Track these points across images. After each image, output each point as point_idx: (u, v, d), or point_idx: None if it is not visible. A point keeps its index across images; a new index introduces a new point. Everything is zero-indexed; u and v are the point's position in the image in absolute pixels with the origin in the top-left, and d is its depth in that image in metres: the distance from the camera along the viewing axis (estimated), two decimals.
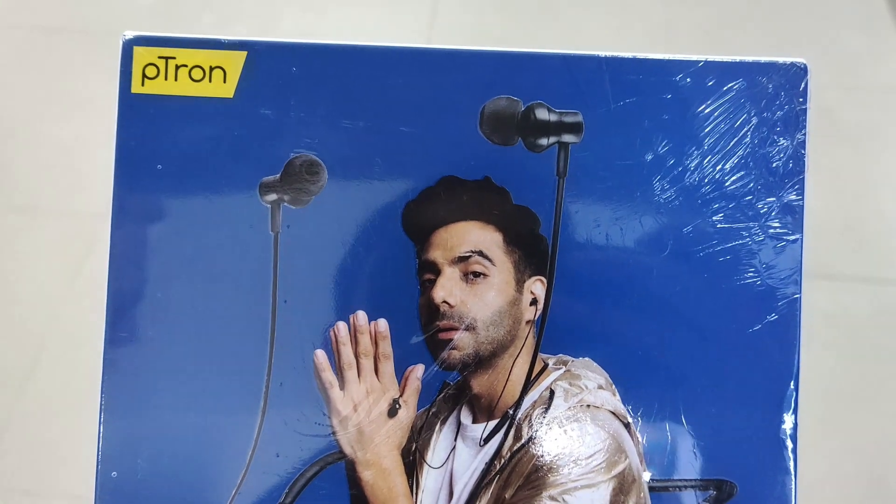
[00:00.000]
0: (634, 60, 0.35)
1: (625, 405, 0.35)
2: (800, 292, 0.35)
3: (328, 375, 0.35)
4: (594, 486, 0.34)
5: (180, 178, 0.35)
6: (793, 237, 0.35)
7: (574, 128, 0.35)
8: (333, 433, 0.34)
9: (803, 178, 0.35)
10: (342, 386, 0.35)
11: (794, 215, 0.35)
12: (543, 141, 0.35)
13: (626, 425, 0.35)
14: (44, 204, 1.05)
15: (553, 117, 0.35)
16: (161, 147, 0.35)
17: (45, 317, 0.96)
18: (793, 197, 0.35)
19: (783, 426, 0.34)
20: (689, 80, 0.35)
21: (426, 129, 0.35)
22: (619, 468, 0.34)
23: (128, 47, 0.35)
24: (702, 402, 0.35)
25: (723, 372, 0.35)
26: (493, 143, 0.35)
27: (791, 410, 0.34)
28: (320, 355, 0.35)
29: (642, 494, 0.34)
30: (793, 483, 0.34)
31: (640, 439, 0.35)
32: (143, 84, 0.35)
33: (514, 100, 0.35)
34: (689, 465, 0.34)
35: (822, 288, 1.02)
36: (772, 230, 0.35)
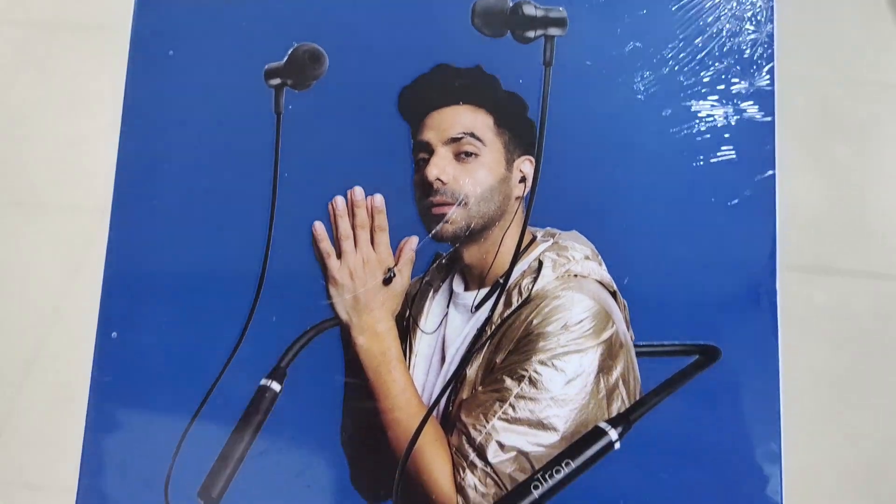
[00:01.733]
0: None
1: (610, 274, 0.36)
2: (774, 169, 0.37)
3: (326, 245, 0.36)
4: (583, 351, 0.35)
5: (190, 63, 0.37)
6: (765, 118, 0.37)
7: (559, 22, 0.38)
8: (330, 300, 0.36)
9: (773, 65, 0.38)
10: (339, 256, 0.36)
11: (765, 99, 0.37)
12: (530, 34, 0.38)
13: (613, 293, 0.36)
14: (45, 199, 1.05)
15: (539, 13, 0.38)
16: (172, 34, 0.37)
17: (47, 311, 0.95)
18: (764, 83, 0.37)
19: (764, 290, 0.35)
20: None
21: (422, 22, 0.38)
22: (607, 334, 0.35)
23: None
24: (685, 270, 0.36)
25: (704, 242, 0.36)
26: (484, 35, 0.38)
27: (771, 274, 0.36)
28: (318, 226, 0.36)
29: (630, 359, 0.35)
30: (777, 344, 0.35)
31: (626, 306, 0.36)
32: None
33: None
34: (675, 331, 0.35)
35: (822, 283, 1.02)
36: (746, 113, 0.37)
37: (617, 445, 0.34)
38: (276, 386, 0.35)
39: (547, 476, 0.34)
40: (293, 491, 0.34)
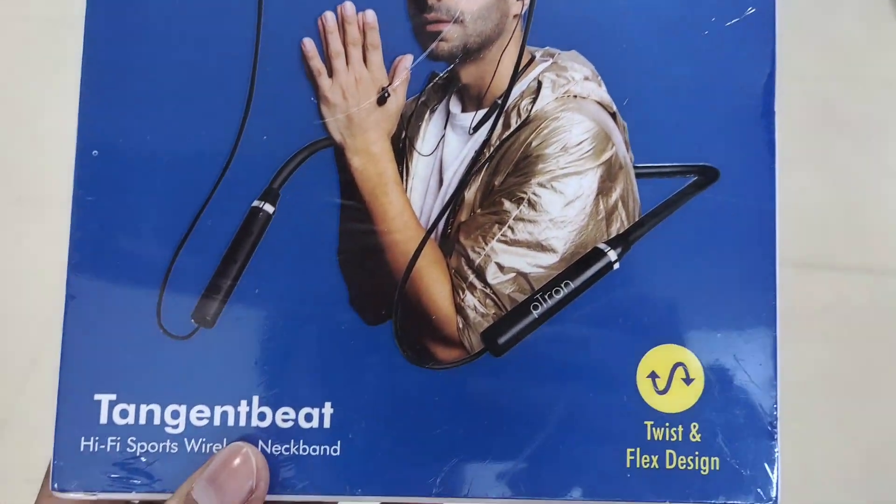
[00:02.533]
0: None
1: (610, 95, 0.35)
2: None
3: (316, 63, 0.34)
4: (582, 173, 0.35)
5: None
6: None
7: None
8: (322, 120, 0.34)
9: None
10: (331, 74, 0.34)
11: None
12: None
13: (613, 115, 0.35)
14: (47, 196, 1.03)
15: None
16: None
17: (49, 309, 0.95)
18: None
19: (762, 110, 0.35)
20: None
21: None
22: (607, 155, 0.35)
23: None
24: (685, 91, 0.35)
25: (704, 62, 0.35)
26: None
27: (769, 93, 0.35)
28: (308, 43, 0.34)
29: (629, 180, 0.35)
30: (774, 165, 0.35)
31: (625, 127, 0.35)
32: None
33: None
34: (674, 152, 0.35)
35: (821, 278, 1.03)
36: None
37: (616, 266, 0.34)
38: (269, 208, 0.33)
39: (546, 297, 0.34)
40: (291, 313, 0.33)
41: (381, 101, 0.35)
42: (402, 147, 0.35)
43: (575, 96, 0.35)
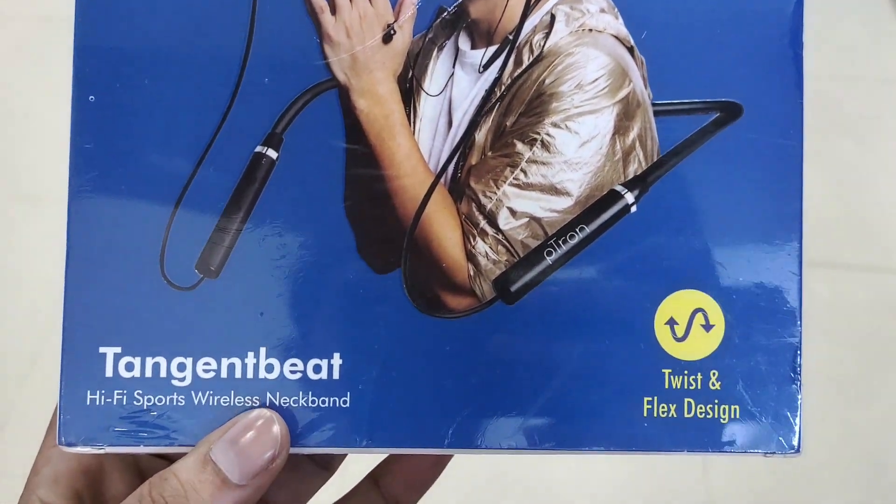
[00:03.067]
0: None
1: (627, 28, 0.33)
2: None
3: (318, 0, 0.33)
4: (598, 111, 0.33)
5: None
6: None
7: None
8: (325, 60, 0.33)
9: None
10: (333, 11, 0.33)
11: None
12: None
13: (630, 49, 0.33)
14: (48, 193, 1.03)
15: None
16: None
17: (50, 306, 0.95)
18: None
19: (788, 41, 0.33)
20: None
21: None
22: (624, 93, 0.33)
23: None
24: (706, 23, 0.33)
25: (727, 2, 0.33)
26: None
27: (800, 24, 0.33)
28: None
29: (647, 118, 0.33)
30: (801, 100, 0.33)
31: (643, 61, 0.33)
32: None
33: None
34: (694, 87, 0.33)
35: (822, 277, 1.02)
36: None
37: (633, 209, 0.33)
38: (272, 153, 0.32)
39: (560, 242, 0.33)
40: (297, 262, 0.32)
41: (387, 38, 0.33)
42: (409, 87, 0.33)
43: (590, 30, 0.33)
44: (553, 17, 0.33)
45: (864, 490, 0.91)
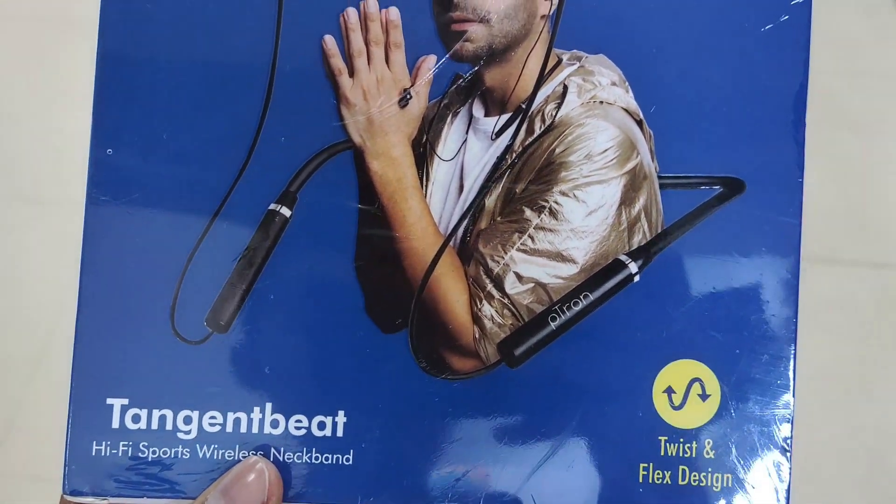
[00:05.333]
0: None
1: (637, 102, 0.34)
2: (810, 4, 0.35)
3: (337, 62, 0.33)
4: (606, 181, 0.34)
5: None
6: None
7: None
8: (342, 121, 0.33)
9: None
10: (351, 74, 0.33)
11: None
12: None
13: (639, 122, 0.34)
14: (49, 193, 1.03)
15: None
16: None
17: (53, 306, 0.96)
18: None
19: (792, 120, 0.34)
20: None
21: None
22: (631, 164, 0.34)
23: None
24: (714, 99, 0.34)
25: (735, 70, 0.34)
26: None
27: (800, 104, 0.34)
28: (329, 41, 0.33)
29: (653, 190, 0.34)
30: (801, 178, 0.34)
31: (651, 135, 0.34)
32: None
33: None
34: (700, 162, 0.34)
35: (824, 272, 1.02)
36: None
37: (637, 278, 0.34)
38: (285, 211, 0.33)
39: (565, 308, 0.34)
40: (305, 320, 0.32)
41: (403, 103, 0.34)
42: (423, 151, 0.34)
43: (601, 102, 0.34)
44: (566, 88, 0.34)
45: (866, 487, 0.91)
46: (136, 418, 0.32)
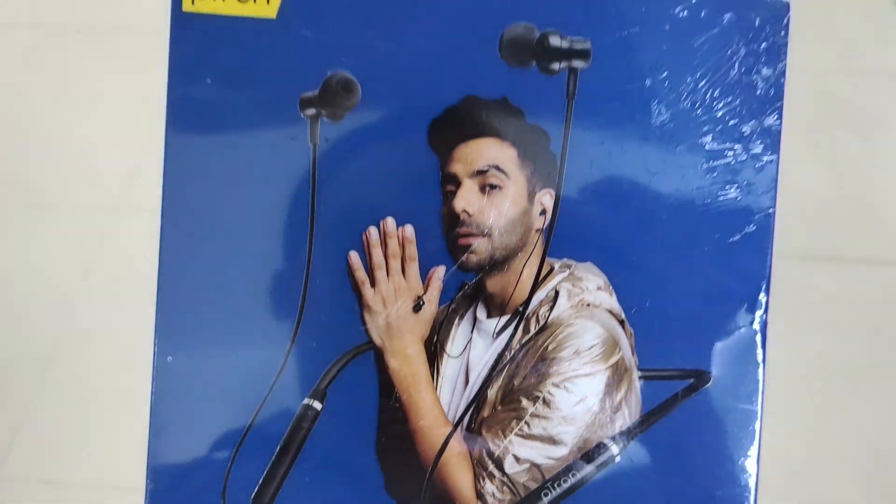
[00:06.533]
0: None
1: (620, 304, 0.40)
2: (774, 206, 0.40)
3: (360, 274, 0.39)
4: (592, 375, 0.39)
5: (227, 91, 0.38)
6: (770, 157, 0.40)
7: (583, 54, 0.39)
8: (365, 325, 0.39)
9: (781, 104, 0.40)
10: (373, 284, 0.39)
11: (772, 138, 0.40)
12: (556, 65, 0.39)
13: (621, 322, 0.40)
14: (57, 200, 1.03)
15: (565, 44, 0.39)
16: (209, 62, 0.38)
17: (60, 311, 0.98)
18: (772, 121, 0.40)
19: (754, 324, 0.39)
20: (685, 12, 0.39)
21: (451, 52, 0.39)
22: (614, 359, 0.39)
23: None
24: (686, 301, 0.40)
25: (705, 276, 0.40)
26: (510, 66, 0.39)
27: (762, 310, 0.40)
28: (353, 256, 0.39)
29: (632, 382, 0.40)
30: (761, 373, 0.40)
31: (632, 333, 0.40)
32: (193, 3, 0.38)
33: (531, 26, 0.39)
34: (675, 357, 0.40)
35: (826, 270, 0.99)
36: (752, 151, 0.40)
37: (618, 459, 0.39)
38: (317, 405, 0.38)
39: (555, 485, 0.39)
40: (335, 499, 0.38)
41: (417, 308, 0.39)
42: (434, 349, 0.40)
43: (588, 304, 0.39)
44: (557, 293, 0.39)
45: (870, 485, 0.90)
46: None
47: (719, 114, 0.39)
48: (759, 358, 0.40)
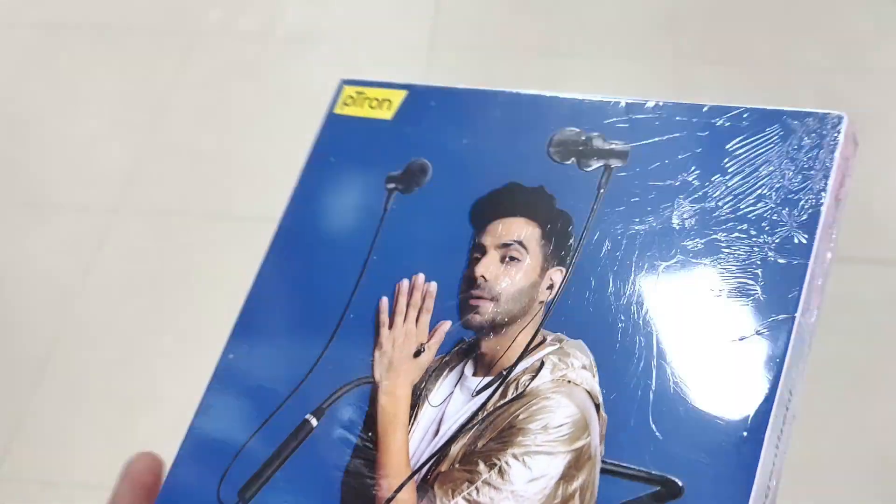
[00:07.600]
0: (684, 105, 0.40)
1: (601, 388, 0.37)
2: (795, 312, 0.34)
3: (384, 317, 0.43)
4: (553, 454, 0.37)
5: (344, 167, 0.49)
6: (798, 262, 0.35)
7: (621, 155, 0.41)
8: (372, 360, 0.43)
9: (817, 225, 0.36)
10: (391, 326, 0.43)
11: (801, 251, 0.35)
12: (594, 163, 0.41)
13: (597, 406, 0.37)
14: (56, 200, 1.06)
15: (605, 146, 0.41)
16: (336, 147, 0.49)
17: (59, 311, 0.99)
18: (803, 239, 0.36)
19: (746, 446, 0.33)
20: (727, 123, 0.39)
21: (505, 148, 0.44)
22: (580, 444, 0.36)
23: (340, 85, 0.51)
24: (672, 401, 0.35)
25: (701, 378, 0.35)
26: (553, 161, 0.43)
27: (762, 430, 0.33)
28: (384, 301, 0.44)
29: (593, 473, 0.36)
30: (747, 499, 0.32)
31: (605, 420, 0.36)
32: (342, 108, 0.50)
33: (579, 132, 0.42)
34: (643, 455, 0.35)
35: (830, 270, 0.92)
36: (778, 256, 0.36)
37: None
38: (314, 421, 0.42)
39: None
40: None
41: (417, 354, 0.42)
42: (418, 396, 0.41)
43: (569, 381, 0.38)
44: (542, 364, 0.39)
45: (873, 485, 0.89)
46: None
47: (747, 214, 0.37)
48: (748, 488, 0.33)
